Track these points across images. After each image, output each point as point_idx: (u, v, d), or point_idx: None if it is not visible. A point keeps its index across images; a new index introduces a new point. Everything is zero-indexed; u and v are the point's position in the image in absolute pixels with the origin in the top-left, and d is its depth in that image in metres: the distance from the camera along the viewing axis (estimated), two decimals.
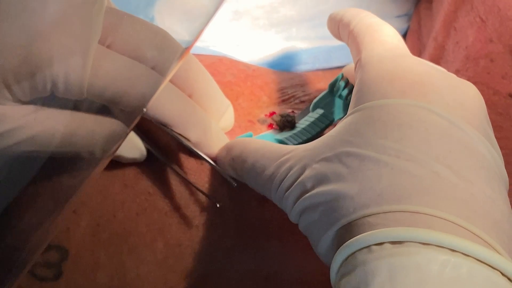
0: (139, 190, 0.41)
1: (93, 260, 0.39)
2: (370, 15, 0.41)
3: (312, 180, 0.31)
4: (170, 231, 0.41)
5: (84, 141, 0.31)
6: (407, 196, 0.27)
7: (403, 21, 0.62)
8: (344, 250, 0.26)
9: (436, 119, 0.30)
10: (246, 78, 0.51)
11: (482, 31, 0.46)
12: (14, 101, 0.29)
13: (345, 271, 0.26)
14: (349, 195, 0.28)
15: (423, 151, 0.28)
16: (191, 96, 0.40)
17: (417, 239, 0.24)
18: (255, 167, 0.36)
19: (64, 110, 0.31)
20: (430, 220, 0.26)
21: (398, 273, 0.23)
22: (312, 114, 0.46)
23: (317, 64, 0.57)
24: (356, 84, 0.36)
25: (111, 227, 0.40)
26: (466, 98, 0.32)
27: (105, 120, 0.32)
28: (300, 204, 0.31)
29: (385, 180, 0.28)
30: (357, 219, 0.28)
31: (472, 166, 0.28)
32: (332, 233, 0.29)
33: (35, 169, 0.31)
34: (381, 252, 0.25)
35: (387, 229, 0.25)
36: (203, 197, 0.41)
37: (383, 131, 0.30)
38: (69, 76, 0.29)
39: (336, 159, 0.30)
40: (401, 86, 0.32)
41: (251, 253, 0.41)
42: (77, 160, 0.32)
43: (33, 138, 0.30)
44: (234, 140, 0.40)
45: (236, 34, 0.57)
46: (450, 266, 0.23)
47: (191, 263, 0.41)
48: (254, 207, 0.42)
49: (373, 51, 0.37)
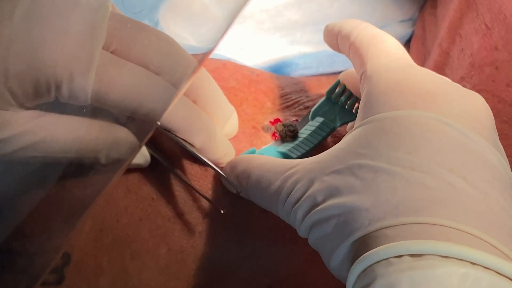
0: (143, 196, 0.41)
1: (96, 265, 0.39)
2: (370, 26, 0.40)
3: (323, 193, 0.30)
4: (173, 237, 0.40)
5: (88, 147, 0.31)
6: (424, 208, 0.27)
7: (407, 26, 0.62)
8: (362, 262, 0.26)
9: (448, 130, 0.30)
10: (250, 83, 0.51)
11: (487, 38, 0.45)
12: (17, 107, 0.29)
13: (363, 284, 0.26)
14: (363, 208, 0.28)
15: (437, 162, 0.28)
16: (196, 101, 0.40)
17: (437, 252, 0.24)
18: (260, 182, 0.35)
19: (68, 115, 0.31)
20: (448, 232, 0.26)
21: (419, 286, 0.23)
22: (312, 122, 0.46)
23: (321, 68, 0.57)
24: (363, 96, 0.35)
25: (114, 232, 0.40)
26: (475, 109, 0.32)
27: (110, 127, 0.32)
28: (310, 217, 0.31)
29: (401, 192, 0.28)
30: (373, 232, 0.27)
31: (486, 177, 0.28)
32: (347, 246, 0.29)
33: (45, 177, 0.31)
34: (401, 265, 0.24)
35: (407, 241, 0.25)
36: (206, 203, 0.41)
37: (396, 143, 0.30)
38: (73, 82, 0.29)
39: (348, 171, 0.30)
40: (411, 97, 0.32)
41: (253, 261, 0.41)
42: (89, 171, 0.32)
43: (36, 144, 0.30)
44: (238, 157, 0.40)
45: (240, 38, 0.57)
46: (470, 279, 0.23)
47: (193, 270, 0.40)
48: (257, 214, 0.42)
49: (379, 62, 0.36)
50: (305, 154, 0.43)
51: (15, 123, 0.29)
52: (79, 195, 0.33)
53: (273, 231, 0.42)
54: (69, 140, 0.31)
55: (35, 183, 0.31)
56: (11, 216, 0.31)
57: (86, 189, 0.33)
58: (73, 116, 0.31)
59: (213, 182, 0.42)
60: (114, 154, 0.32)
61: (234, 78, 0.50)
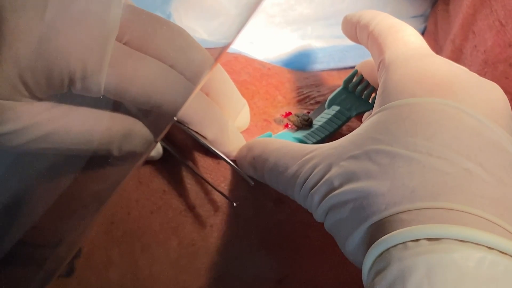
0: (154, 188, 0.40)
1: (106, 257, 0.39)
2: (389, 16, 0.40)
3: (340, 178, 0.30)
4: (184, 230, 0.40)
5: (101, 139, 0.31)
6: (440, 193, 0.27)
7: (419, 21, 0.62)
8: (379, 246, 0.26)
9: (465, 117, 0.30)
10: (262, 77, 0.50)
11: (501, 35, 0.45)
12: (30, 98, 0.29)
13: (380, 267, 0.26)
14: (380, 192, 0.28)
15: (454, 149, 0.28)
16: (208, 94, 0.40)
17: (454, 236, 0.24)
18: (277, 166, 0.35)
19: (80, 107, 0.30)
20: (465, 217, 0.26)
21: (435, 270, 0.23)
22: (328, 111, 0.46)
23: (332, 63, 0.57)
24: (381, 83, 0.35)
25: (125, 225, 0.39)
26: (492, 98, 0.32)
27: (123, 119, 0.32)
28: (327, 202, 0.31)
29: (417, 177, 0.28)
30: (390, 216, 0.27)
31: (502, 165, 0.28)
32: (363, 230, 0.29)
33: (58, 169, 0.31)
34: (417, 249, 0.25)
35: (424, 225, 0.25)
36: (218, 196, 0.41)
37: (413, 129, 0.30)
38: (87, 73, 0.28)
39: (365, 156, 0.30)
40: (429, 85, 0.32)
41: (264, 255, 0.41)
42: (103, 164, 0.32)
43: (48, 136, 0.30)
44: (255, 140, 0.40)
45: (251, 31, 0.57)
46: (487, 263, 0.23)
47: (204, 264, 0.40)
48: (269, 208, 0.41)
49: (397, 50, 0.36)
50: (320, 141, 0.43)
51: (27, 114, 0.29)
52: (94, 189, 0.33)
53: (284, 225, 0.41)
54: (82, 132, 0.31)
55: (48, 175, 0.31)
56: (25, 209, 0.31)
57: (101, 184, 0.33)
58: (86, 108, 0.31)
59: (225, 175, 0.42)
60: (126, 147, 0.32)
61: (245, 71, 0.50)
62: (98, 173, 0.32)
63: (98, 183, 0.32)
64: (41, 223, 0.30)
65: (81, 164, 0.31)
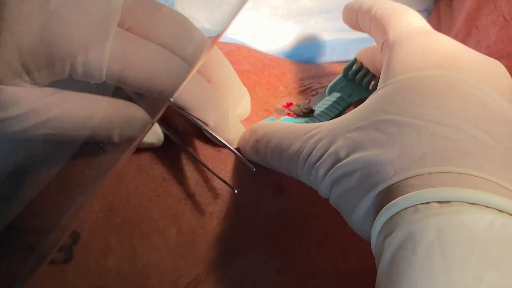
0: (154, 176, 0.40)
1: (105, 244, 0.39)
2: (390, 1, 0.40)
3: (346, 149, 0.30)
4: (183, 218, 0.40)
5: (102, 125, 0.31)
6: (450, 158, 0.27)
7: (422, 16, 0.61)
8: (389, 210, 0.26)
9: (471, 88, 0.30)
10: (264, 67, 0.50)
11: (505, 30, 0.45)
12: (31, 83, 0.28)
13: (389, 230, 0.26)
14: (389, 160, 0.28)
15: (462, 117, 0.29)
16: (209, 81, 0.40)
17: (464, 199, 0.25)
18: (280, 145, 0.36)
19: (81, 93, 0.30)
20: (475, 181, 0.26)
21: (446, 232, 0.23)
22: (329, 97, 0.46)
23: (334, 56, 0.57)
24: (385, 62, 0.35)
25: (124, 212, 0.39)
26: (496, 73, 0.33)
27: (124, 104, 0.32)
28: (332, 173, 0.31)
29: (427, 143, 0.28)
30: (399, 182, 0.28)
31: (508, 133, 0.29)
32: (371, 197, 0.29)
33: (57, 155, 0.31)
34: (428, 211, 0.25)
35: (434, 188, 0.25)
36: (218, 184, 0.41)
37: (421, 99, 0.30)
38: (88, 59, 0.28)
39: (372, 127, 0.30)
40: (435, 59, 0.32)
41: (263, 243, 0.41)
42: (101, 149, 0.32)
43: (49, 121, 0.29)
44: (258, 123, 0.40)
45: (254, 23, 0.57)
46: (497, 225, 0.23)
47: (203, 251, 0.40)
48: (269, 197, 0.41)
49: (401, 29, 0.37)
50: None
51: (28, 100, 0.29)
52: (88, 173, 0.33)
53: (284, 213, 0.41)
54: (83, 118, 0.31)
55: (47, 161, 0.31)
56: (21, 194, 0.31)
57: (96, 168, 0.33)
58: (87, 94, 0.30)
59: (226, 163, 0.41)
60: (127, 132, 0.32)
61: (247, 61, 0.50)
62: (92, 157, 0.32)
63: (91, 167, 0.32)
64: (32, 207, 0.30)
65: (76, 149, 0.31)
